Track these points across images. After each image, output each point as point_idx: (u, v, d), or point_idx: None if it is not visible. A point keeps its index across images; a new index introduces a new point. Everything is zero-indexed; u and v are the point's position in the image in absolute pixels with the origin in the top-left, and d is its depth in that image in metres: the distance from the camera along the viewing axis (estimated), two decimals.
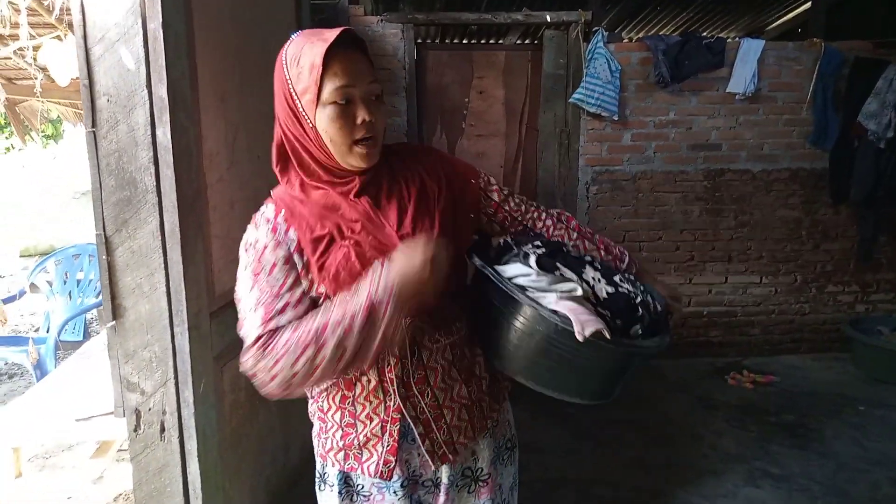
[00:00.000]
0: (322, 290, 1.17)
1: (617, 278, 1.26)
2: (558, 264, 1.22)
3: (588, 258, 1.29)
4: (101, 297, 3.89)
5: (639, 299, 1.23)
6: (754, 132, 4.08)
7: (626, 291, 1.24)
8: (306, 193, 1.19)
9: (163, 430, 1.66)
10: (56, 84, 2.72)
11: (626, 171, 4.06)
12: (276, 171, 1.23)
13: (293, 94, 1.13)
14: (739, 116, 4.04)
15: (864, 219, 4.13)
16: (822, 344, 4.41)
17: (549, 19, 3.81)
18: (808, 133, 4.06)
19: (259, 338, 1.10)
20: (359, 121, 1.11)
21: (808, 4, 4.84)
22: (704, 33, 6.16)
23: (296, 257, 1.16)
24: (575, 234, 1.37)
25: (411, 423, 1.23)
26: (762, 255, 4.26)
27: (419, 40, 4.19)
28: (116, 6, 1.47)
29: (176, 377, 1.63)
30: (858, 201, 4.02)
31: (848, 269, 4.32)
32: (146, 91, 1.49)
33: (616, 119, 3.91)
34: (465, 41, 6.07)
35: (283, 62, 1.14)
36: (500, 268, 1.23)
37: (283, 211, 1.19)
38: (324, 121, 1.11)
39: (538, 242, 1.26)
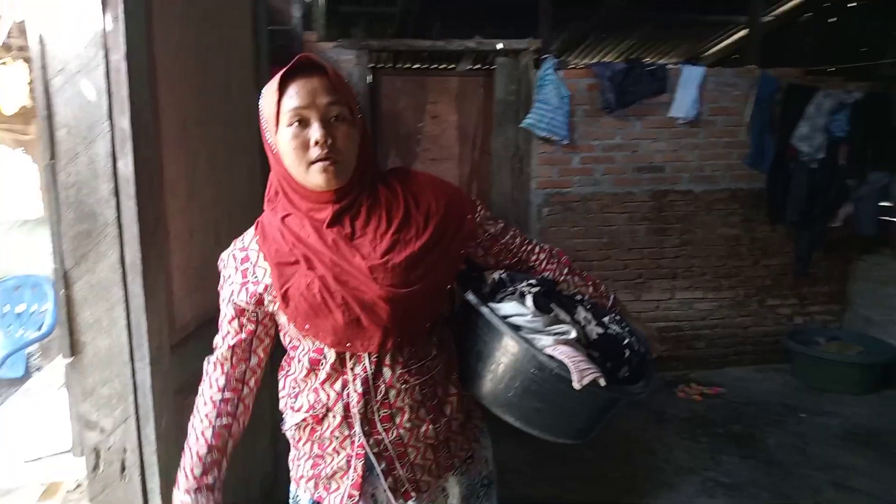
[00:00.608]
0: (283, 317, 1.21)
1: (606, 319, 1.30)
2: (553, 305, 1.25)
3: (578, 297, 1.33)
4: (43, 331, 3.75)
5: (626, 341, 1.28)
6: (695, 154, 4.26)
7: (615, 333, 1.28)
8: (284, 222, 1.21)
9: (123, 468, 1.61)
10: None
11: (576, 193, 4.17)
12: (266, 200, 1.27)
13: (264, 127, 1.18)
14: (681, 140, 4.22)
15: (800, 236, 4.36)
16: (764, 356, 4.60)
17: (500, 47, 3.91)
18: (746, 155, 4.27)
19: (207, 363, 1.31)
20: (312, 141, 1.12)
21: (744, 32, 5.12)
22: (646, 59, 6.42)
23: (256, 289, 1.22)
24: (566, 270, 1.40)
25: (374, 460, 1.24)
26: (705, 272, 4.43)
27: (373, 65, 4.22)
28: (77, 38, 1.45)
29: (137, 414, 1.59)
30: (794, 219, 4.24)
31: (786, 284, 4.54)
32: (108, 122, 1.47)
33: (566, 143, 4.03)
34: (418, 66, 6.16)
35: (261, 100, 1.19)
36: (495, 305, 1.24)
37: (258, 237, 1.24)
38: (282, 143, 1.14)
39: (532, 280, 1.28)
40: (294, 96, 1.11)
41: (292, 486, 1.37)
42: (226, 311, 1.27)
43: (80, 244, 1.51)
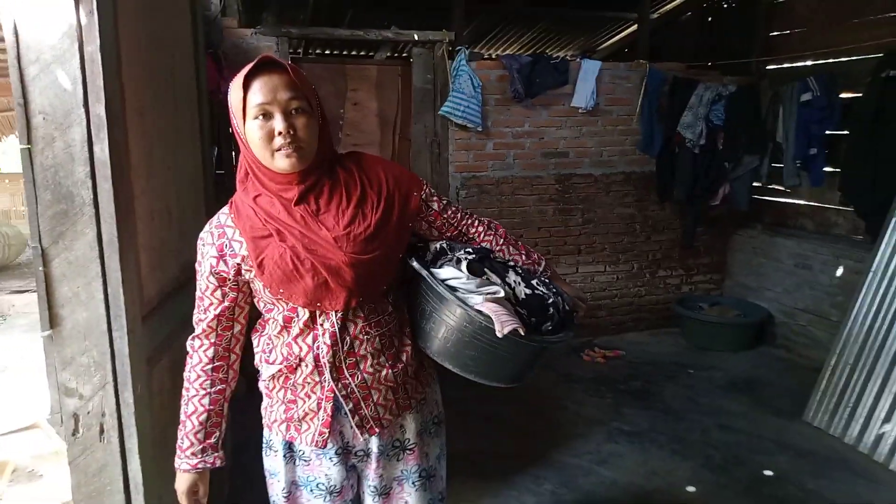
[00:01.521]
0: (259, 283, 1.39)
1: (534, 282, 1.52)
2: (486, 269, 1.47)
3: (511, 263, 1.56)
4: None
5: (551, 300, 1.49)
6: (595, 141, 4.68)
7: (541, 293, 1.49)
8: (256, 201, 1.38)
9: (102, 431, 1.73)
10: None
11: (491, 177, 4.48)
12: (238, 181, 1.42)
13: (233, 117, 1.35)
14: (582, 128, 4.62)
15: (686, 213, 4.88)
16: (658, 321, 5.13)
17: (416, 38, 4.12)
18: (638, 141, 4.74)
19: (189, 339, 1.50)
20: (276, 131, 1.29)
21: (634, 27, 5.59)
22: (547, 51, 6.82)
23: (235, 261, 1.40)
24: (501, 241, 1.61)
25: (342, 401, 1.44)
26: (605, 247, 4.88)
27: (291, 51, 4.32)
28: (51, 30, 1.54)
29: (115, 380, 1.71)
30: (680, 198, 4.74)
31: (674, 257, 5.08)
32: (83, 110, 1.57)
33: (480, 130, 4.32)
34: (328, 53, 6.24)
35: (228, 93, 1.35)
36: (435, 270, 1.45)
37: (233, 215, 1.41)
38: (250, 133, 1.31)
39: (469, 249, 1.50)
40: (258, 92, 1.28)
41: (265, 432, 1.56)
42: (207, 284, 1.43)
43: (58, 224, 1.61)
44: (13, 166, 8.64)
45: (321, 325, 1.40)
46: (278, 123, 1.28)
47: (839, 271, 4.25)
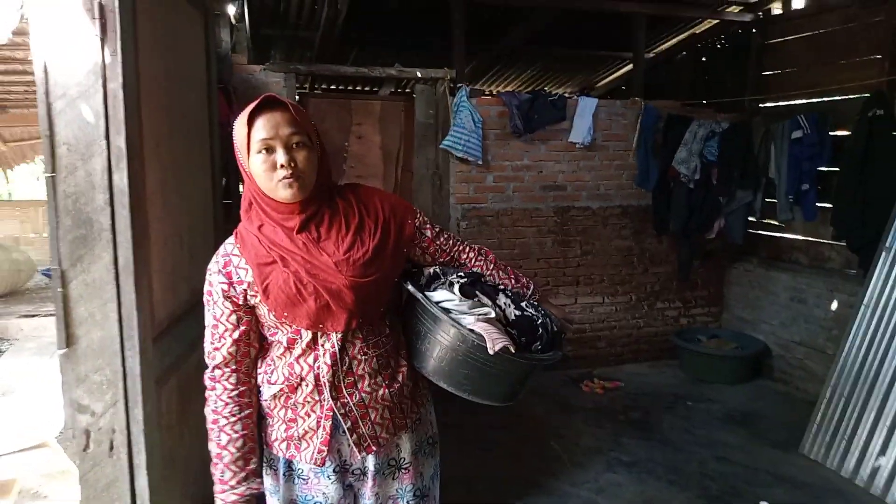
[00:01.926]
0: (264, 308, 1.47)
1: (524, 304, 1.60)
2: (477, 292, 1.55)
3: (501, 286, 1.64)
4: None
5: (539, 321, 1.57)
6: (592, 175, 4.80)
7: (530, 315, 1.57)
8: (260, 230, 1.47)
9: (111, 447, 1.80)
10: None
11: (491, 209, 4.59)
12: (242, 212, 1.51)
13: (238, 152, 1.44)
14: (580, 162, 4.74)
15: (682, 246, 4.96)
16: (656, 353, 5.17)
17: (419, 75, 4.27)
18: (634, 176, 4.85)
19: (208, 372, 1.52)
20: (278, 164, 1.38)
21: (630, 67, 5.76)
22: (546, 88, 7.01)
23: (242, 287, 1.47)
24: (492, 266, 1.71)
25: (341, 420, 1.51)
26: (603, 279, 4.96)
27: (298, 86, 4.47)
28: (78, 68, 1.66)
29: (126, 398, 1.79)
30: (676, 232, 4.83)
31: (672, 289, 5.15)
32: (104, 141, 1.69)
33: (480, 163, 4.44)
34: (334, 88, 6.43)
35: (234, 129, 1.44)
36: (429, 293, 1.53)
37: (238, 244, 1.49)
38: (254, 166, 1.40)
39: (461, 273, 1.59)
40: (261, 128, 1.38)
41: (265, 451, 1.62)
42: (222, 310, 1.48)
43: (77, 248, 1.71)
44: (24, 194, 8.81)
45: (322, 345, 1.48)
46: (280, 156, 1.37)
47: (834, 305, 4.31)
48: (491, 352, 1.40)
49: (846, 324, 3.66)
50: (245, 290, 1.47)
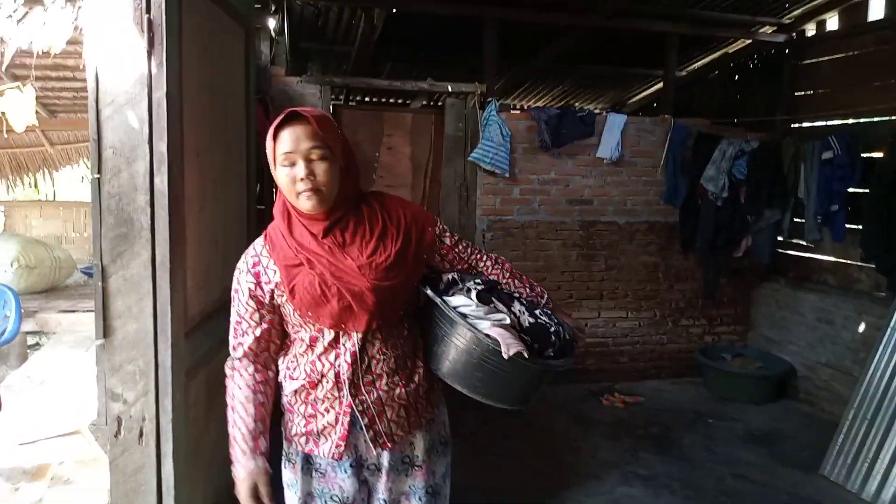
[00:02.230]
0: (289, 307, 1.55)
1: (538, 312, 1.65)
2: (493, 298, 1.61)
3: (516, 294, 1.69)
4: (4, 336, 3.91)
5: (553, 329, 1.62)
6: (619, 190, 4.82)
7: (544, 323, 1.62)
8: (290, 229, 1.55)
9: (141, 434, 1.91)
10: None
11: (516, 221, 4.65)
12: (275, 211, 1.59)
13: (269, 163, 1.53)
14: (607, 177, 4.78)
15: (708, 264, 4.95)
16: (679, 370, 5.15)
17: (450, 89, 4.38)
18: (662, 192, 4.86)
19: (229, 361, 1.62)
20: (298, 177, 1.46)
21: (661, 85, 5.78)
22: (577, 104, 7.05)
23: (269, 287, 1.56)
24: (507, 274, 1.76)
25: (359, 416, 1.58)
26: (628, 294, 4.97)
27: (333, 98, 4.61)
28: (126, 77, 1.79)
29: (157, 388, 1.89)
30: (703, 249, 4.83)
31: (697, 306, 5.13)
32: (147, 146, 1.81)
33: (507, 176, 4.51)
34: (368, 100, 6.57)
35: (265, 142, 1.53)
36: (447, 298, 1.59)
37: (268, 246, 1.58)
38: (279, 178, 1.49)
39: (479, 280, 1.65)
40: (284, 142, 1.45)
41: (285, 445, 1.71)
42: (247, 308, 1.58)
43: (118, 245, 1.83)
44: (67, 195, 9.15)
45: (343, 344, 1.56)
46: (300, 170, 1.45)
47: (861, 327, 4.26)
48: (505, 356, 1.45)
49: (873, 346, 3.62)
50: (272, 289, 1.55)
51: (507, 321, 1.57)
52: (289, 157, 1.46)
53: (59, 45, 2.25)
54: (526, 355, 1.48)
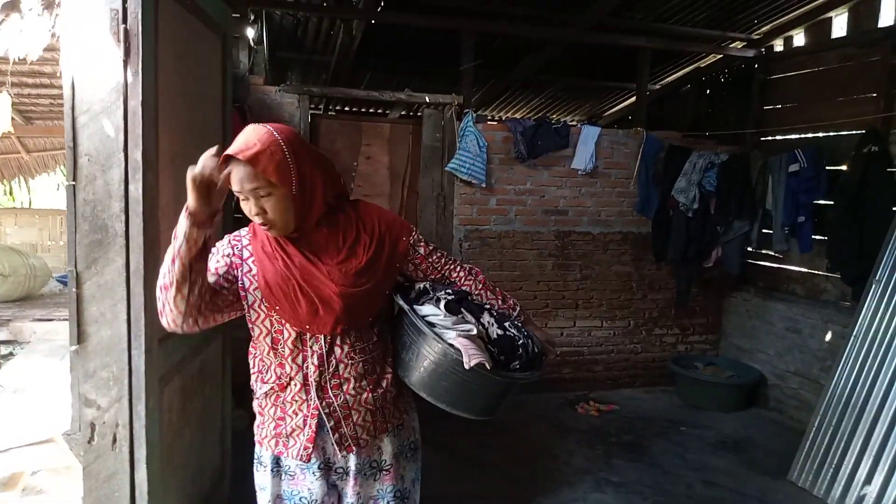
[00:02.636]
0: (258, 294, 1.58)
1: (507, 324, 1.68)
2: (462, 309, 1.65)
3: (487, 306, 1.73)
4: None
5: (520, 342, 1.65)
6: (593, 201, 4.91)
7: (512, 335, 1.66)
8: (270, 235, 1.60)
9: (114, 441, 1.91)
10: None
11: (493, 231, 4.71)
12: None
13: None
14: (581, 188, 4.86)
15: (680, 274, 5.04)
16: (653, 378, 5.23)
17: (427, 100, 4.43)
18: (635, 203, 4.95)
19: None
20: (252, 213, 1.51)
21: (634, 99, 5.90)
22: (554, 116, 7.16)
23: (237, 261, 1.60)
24: (480, 286, 1.80)
25: (325, 419, 1.62)
26: (602, 303, 5.04)
27: (312, 107, 4.64)
28: (102, 86, 1.81)
29: (130, 394, 1.91)
30: (674, 259, 4.92)
31: (670, 315, 5.22)
32: (122, 154, 1.83)
33: (484, 186, 4.57)
34: (346, 109, 6.61)
35: None
36: (417, 307, 1.63)
37: (251, 233, 1.64)
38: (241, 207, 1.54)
39: (449, 290, 1.69)
40: (233, 180, 1.47)
41: (256, 448, 1.74)
42: (216, 259, 1.61)
43: (92, 251, 1.85)
44: (43, 203, 9.05)
45: (310, 346, 1.60)
46: (252, 207, 1.50)
47: (828, 336, 4.37)
48: (466, 366, 1.48)
49: (838, 354, 3.72)
50: (241, 268, 1.60)
51: (475, 332, 1.60)
52: (239, 195, 1.51)
53: (36, 53, 2.26)
54: (489, 366, 1.50)
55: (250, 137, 1.47)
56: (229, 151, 1.46)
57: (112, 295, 1.86)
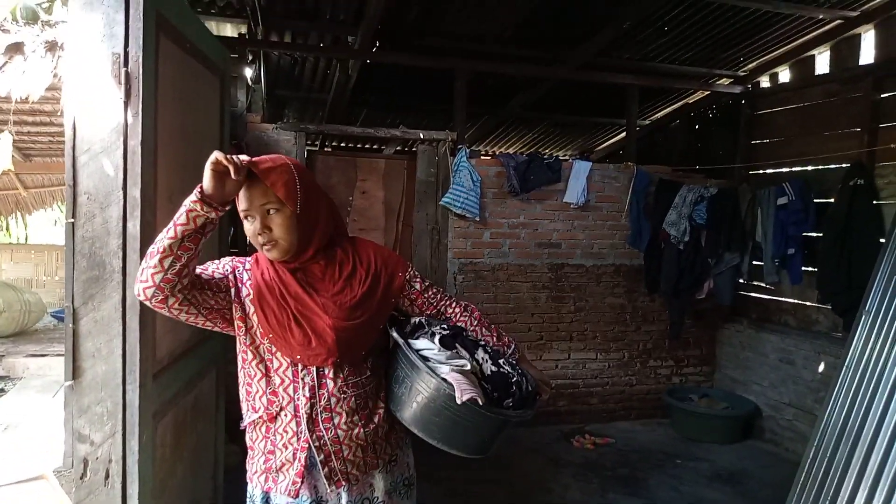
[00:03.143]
0: (255, 319, 1.60)
1: (501, 361, 1.69)
2: (457, 344, 1.65)
3: (482, 342, 1.74)
4: None
5: (514, 379, 1.65)
6: (586, 234, 4.97)
7: (506, 372, 1.65)
8: (271, 264, 1.63)
9: (107, 476, 1.92)
10: None
11: (487, 264, 4.75)
12: None
13: None
14: (574, 221, 4.92)
15: (672, 305, 5.07)
16: (648, 410, 5.22)
17: (422, 136, 4.52)
18: (627, 236, 5.01)
19: None
20: (256, 231, 1.54)
21: (624, 134, 6.01)
22: (546, 151, 7.27)
23: (239, 284, 1.62)
24: (475, 322, 1.82)
25: (315, 452, 1.61)
26: (596, 335, 5.06)
27: (308, 143, 4.72)
28: (102, 126, 1.86)
29: (124, 429, 1.91)
30: (667, 291, 4.96)
31: (664, 347, 5.23)
32: (121, 192, 1.87)
33: (478, 220, 4.63)
34: (343, 145, 6.71)
35: None
36: (412, 341, 1.64)
37: (253, 261, 1.66)
38: (245, 230, 1.58)
39: (445, 325, 1.71)
40: (242, 200, 1.53)
41: (248, 486, 1.72)
42: (223, 267, 1.64)
43: (89, 287, 1.88)
44: (39, 238, 9.10)
45: (302, 378, 1.61)
46: (257, 225, 1.54)
47: (821, 367, 4.39)
48: (458, 401, 1.48)
49: (830, 385, 3.73)
50: (238, 285, 1.62)
51: (468, 367, 1.60)
52: (246, 213, 1.54)
53: (37, 93, 2.33)
54: (481, 402, 1.49)
55: (266, 157, 1.55)
56: (247, 161, 1.49)
57: (108, 330, 1.89)
